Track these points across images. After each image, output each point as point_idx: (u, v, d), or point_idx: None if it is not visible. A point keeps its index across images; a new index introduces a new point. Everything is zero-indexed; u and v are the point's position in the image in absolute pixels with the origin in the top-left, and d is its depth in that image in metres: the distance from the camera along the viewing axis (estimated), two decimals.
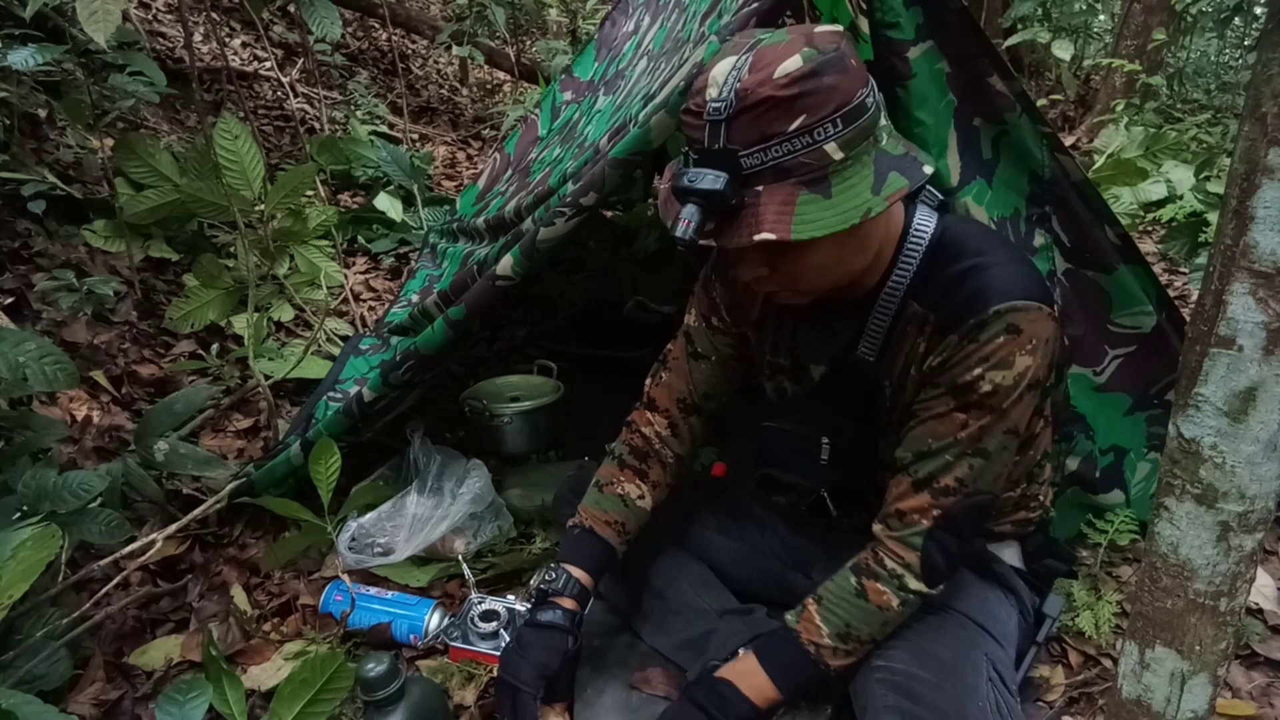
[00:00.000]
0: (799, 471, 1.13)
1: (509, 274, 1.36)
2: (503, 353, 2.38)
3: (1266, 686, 1.27)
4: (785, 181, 0.80)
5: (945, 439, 0.94)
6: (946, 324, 0.93)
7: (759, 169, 0.80)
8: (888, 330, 0.99)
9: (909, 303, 0.97)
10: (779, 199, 0.79)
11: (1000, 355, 0.89)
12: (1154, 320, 1.35)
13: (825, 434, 1.08)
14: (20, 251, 2.01)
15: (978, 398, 0.91)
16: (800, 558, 1.25)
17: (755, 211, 0.80)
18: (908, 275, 0.96)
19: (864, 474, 1.09)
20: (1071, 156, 1.28)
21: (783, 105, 0.78)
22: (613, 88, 1.89)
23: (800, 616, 1.02)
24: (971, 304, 0.90)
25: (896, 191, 0.81)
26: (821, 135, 0.79)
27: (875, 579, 0.98)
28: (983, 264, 0.92)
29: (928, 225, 0.97)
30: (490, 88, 5.04)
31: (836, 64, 0.79)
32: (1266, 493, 0.75)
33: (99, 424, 1.74)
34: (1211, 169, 3.37)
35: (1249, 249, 0.69)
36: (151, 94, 2.22)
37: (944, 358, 0.93)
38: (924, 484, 0.95)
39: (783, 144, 0.79)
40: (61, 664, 1.21)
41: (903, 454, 0.98)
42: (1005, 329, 0.89)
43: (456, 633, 1.36)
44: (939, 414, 0.94)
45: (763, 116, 0.78)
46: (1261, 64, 0.68)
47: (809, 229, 0.79)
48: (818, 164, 0.79)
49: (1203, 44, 6.30)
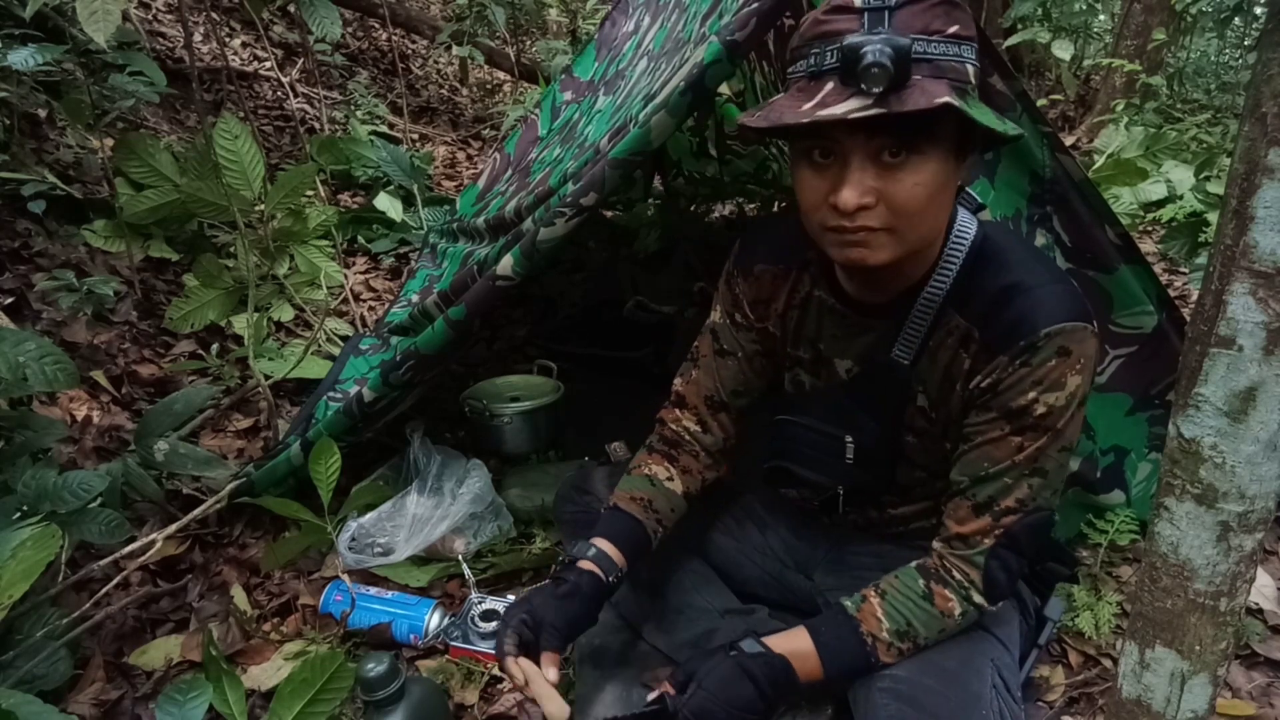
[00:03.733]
0: (821, 469, 1.11)
1: (509, 274, 1.36)
2: (503, 353, 2.38)
3: (1266, 686, 1.27)
4: (940, 80, 0.79)
5: (1003, 463, 0.93)
6: (995, 344, 0.91)
7: (921, 58, 0.79)
8: (925, 336, 0.98)
9: (949, 311, 0.96)
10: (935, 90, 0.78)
11: (1053, 377, 0.89)
12: (1155, 320, 1.35)
13: (850, 433, 1.07)
14: (20, 251, 2.01)
15: (1033, 420, 0.91)
16: (801, 559, 1.25)
17: (923, 88, 0.78)
18: (948, 280, 0.95)
19: (886, 474, 1.09)
20: (1072, 156, 1.28)
21: (945, 7, 0.80)
22: (613, 88, 1.89)
23: (860, 606, 0.98)
24: (1020, 326, 0.89)
25: (1017, 133, 0.83)
26: (967, 52, 0.81)
27: (944, 585, 0.98)
28: (1028, 284, 0.91)
29: (969, 229, 0.96)
30: (490, 88, 5.05)
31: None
32: (1266, 493, 0.75)
33: (99, 424, 1.74)
34: (1211, 169, 3.37)
35: (1249, 249, 0.69)
36: (151, 94, 2.22)
37: (994, 379, 0.92)
38: (984, 508, 0.96)
39: (942, 43, 0.80)
40: (61, 664, 1.21)
41: (959, 478, 0.98)
42: (1057, 351, 0.88)
43: (456, 633, 1.36)
44: (994, 438, 0.94)
45: (928, 11, 0.79)
46: (1261, 64, 0.68)
47: (981, 115, 0.80)
48: (962, 76, 0.81)
49: (1203, 44, 6.30)
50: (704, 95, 1.18)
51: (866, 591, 1.00)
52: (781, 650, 0.96)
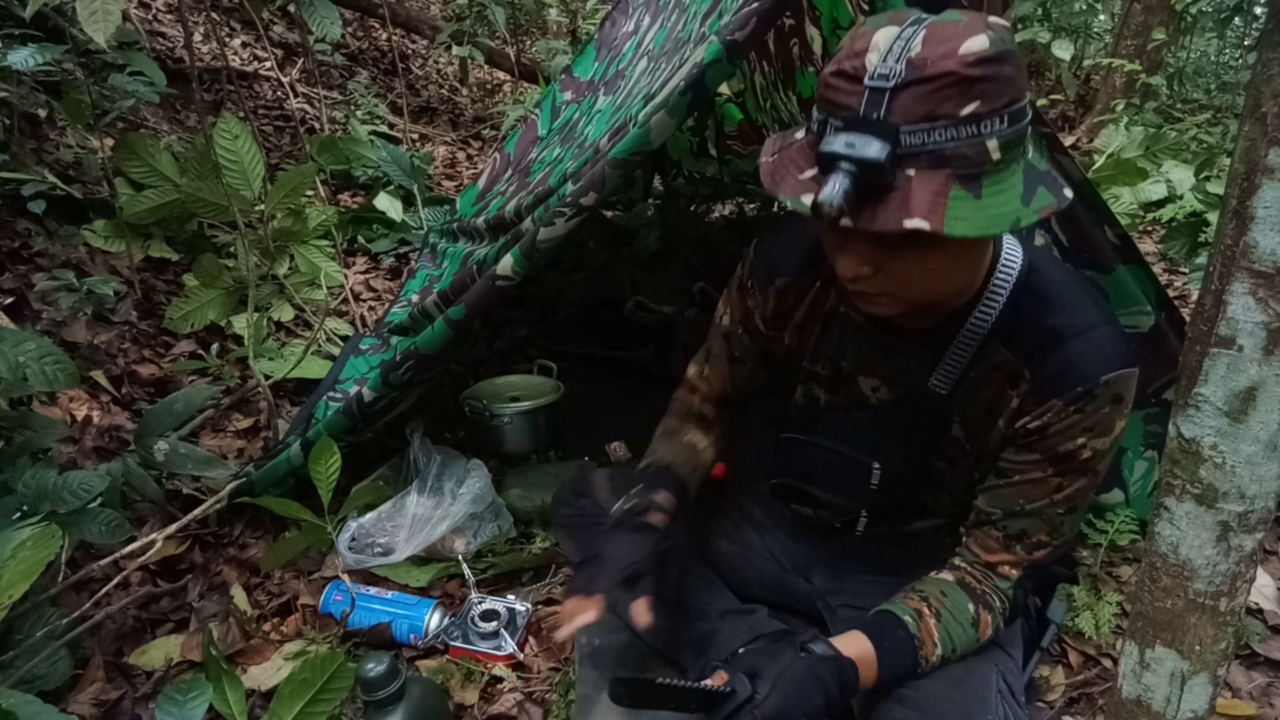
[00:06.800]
0: (842, 493, 1.10)
1: (509, 274, 1.36)
2: (503, 353, 2.38)
3: (1266, 686, 1.27)
4: (940, 171, 0.72)
5: (1039, 501, 0.93)
6: (1048, 388, 0.89)
7: (917, 151, 0.72)
8: (965, 367, 0.95)
9: (994, 344, 0.93)
10: (932, 188, 0.72)
11: (1104, 424, 0.89)
12: (1152, 320, 1.35)
13: (878, 459, 1.04)
14: (20, 251, 2.01)
15: (1078, 464, 0.90)
16: (800, 563, 1.25)
17: (906, 196, 0.72)
18: (994, 312, 0.92)
19: (911, 499, 1.08)
20: (1070, 157, 1.28)
21: (963, 85, 0.70)
22: (613, 88, 1.89)
23: (920, 626, 0.95)
24: (1077, 371, 0.87)
25: (1046, 207, 0.74)
26: (988, 129, 0.72)
27: (989, 611, 0.97)
28: (1080, 326, 0.89)
29: (1016, 257, 0.92)
30: (490, 88, 5.04)
31: (1014, 57, 0.73)
32: (1266, 493, 0.75)
33: (99, 424, 1.74)
34: (1211, 169, 3.37)
35: (1249, 249, 0.69)
36: (151, 94, 2.22)
37: (1044, 422, 0.90)
38: (1015, 540, 0.96)
39: (949, 128, 0.71)
40: (61, 664, 1.21)
41: (990, 509, 0.97)
42: (1111, 399, 0.88)
43: (456, 633, 1.36)
44: (1034, 479, 0.93)
45: (937, 93, 0.71)
46: (1261, 64, 0.68)
47: (962, 226, 0.71)
48: (975, 159, 0.73)
49: (1203, 44, 6.30)
50: (704, 95, 1.18)
51: (920, 606, 0.97)
52: (850, 655, 0.92)
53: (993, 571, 0.98)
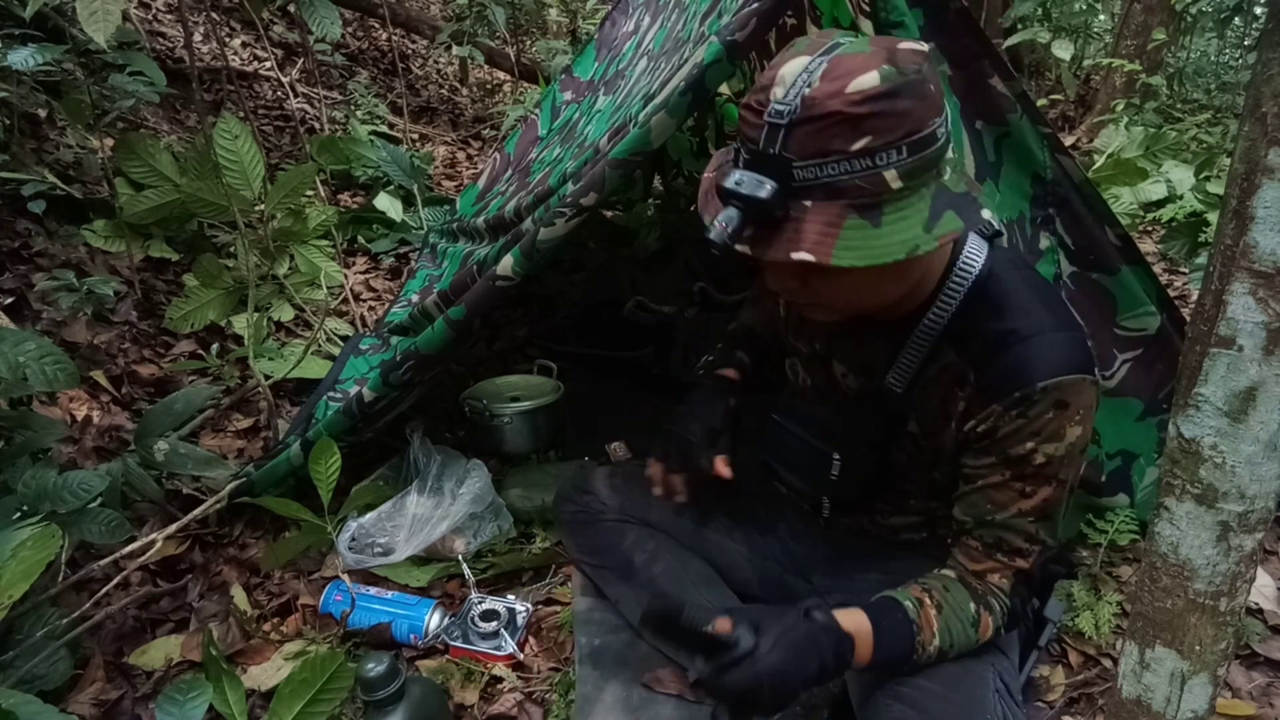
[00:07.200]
0: (805, 479, 1.13)
1: (509, 274, 1.36)
2: (503, 353, 2.38)
3: (1266, 686, 1.27)
4: (835, 201, 0.76)
5: (1008, 508, 0.94)
6: (989, 391, 0.91)
7: (811, 184, 0.75)
8: (919, 367, 0.97)
9: (944, 346, 0.95)
10: (825, 219, 0.75)
11: (1051, 429, 0.89)
12: (1158, 321, 1.34)
13: (838, 451, 1.06)
14: (20, 251, 2.01)
15: (1033, 469, 0.91)
16: (801, 563, 1.25)
17: (798, 227, 0.76)
18: (946, 314, 0.93)
19: (868, 491, 1.10)
20: (1072, 157, 1.28)
21: (850, 123, 0.73)
22: (613, 88, 1.89)
23: (919, 613, 0.95)
24: (1015, 377, 0.88)
25: (949, 233, 0.76)
26: (883, 160, 0.74)
27: (990, 612, 0.98)
28: (1025, 331, 0.89)
29: (976, 260, 0.93)
30: (490, 88, 5.04)
31: (915, 88, 0.74)
32: (1266, 493, 0.75)
33: (99, 424, 1.74)
34: (1211, 169, 3.37)
35: (1249, 249, 0.69)
36: (151, 94, 2.22)
37: (990, 426, 0.91)
38: (994, 548, 0.97)
39: (841, 163, 0.74)
40: (61, 664, 1.21)
41: (963, 517, 0.98)
42: (1054, 405, 0.88)
43: (456, 632, 1.36)
44: (995, 483, 0.94)
45: (825, 131, 0.73)
46: (1261, 64, 0.68)
47: (850, 256, 0.74)
48: (873, 190, 0.75)
49: (1203, 44, 6.30)
50: (704, 95, 1.18)
51: (921, 596, 0.97)
52: (848, 629, 0.92)
53: (980, 579, 0.99)
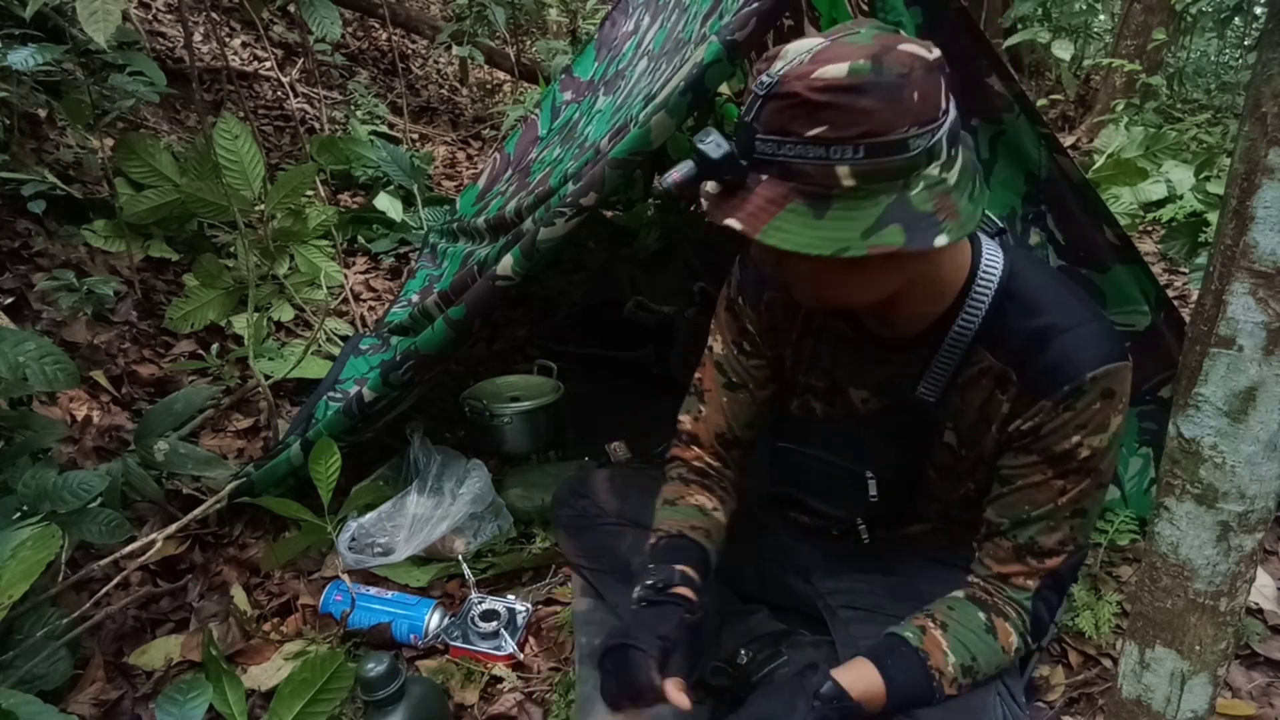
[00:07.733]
0: (839, 503, 1.11)
1: (509, 274, 1.36)
2: (503, 353, 2.38)
3: (1266, 686, 1.27)
4: (787, 182, 0.77)
5: (1045, 506, 0.92)
6: (1036, 388, 0.90)
7: (769, 159, 0.77)
8: (952, 374, 0.96)
9: (979, 350, 0.93)
10: (771, 195, 0.77)
11: (1098, 420, 0.88)
12: (1148, 319, 1.36)
13: (870, 468, 1.05)
14: (20, 251, 2.01)
15: (1077, 464, 0.90)
16: (801, 564, 1.25)
17: (747, 197, 0.78)
18: (976, 318, 0.92)
19: (907, 506, 1.08)
20: (1069, 157, 1.28)
21: (806, 108, 0.74)
22: (613, 88, 1.89)
23: (923, 639, 0.94)
24: (1063, 369, 0.87)
25: (883, 246, 0.74)
26: (836, 154, 0.74)
27: (1004, 619, 0.96)
28: (1062, 324, 0.89)
29: (996, 263, 0.92)
30: (490, 88, 5.04)
31: (886, 90, 0.73)
32: (1266, 493, 0.75)
33: (99, 424, 1.74)
34: (1211, 169, 3.37)
35: (1249, 249, 0.69)
36: (151, 94, 2.22)
37: (1036, 423, 0.90)
38: (1026, 549, 0.95)
39: (796, 146, 0.75)
40: (61, 664, 1.21)
41: (998, 519, 0.96)
42: (1101, 394, 0.87)
43: (456, 632, 1.36)
44: (1036, 482, 0.92)
45: (786, 110, 0.75)
46: (1261, 64, 0.68)
47: (777, 237, 0.76)
48: (822, 181, 0.75)
49: (1203, 44, 6.30)
50: (704, 95, 1.18)
51: (923, 622, 0.96)
52: (857, 695, 0.90)
53: (1006, 583, 0.97)
